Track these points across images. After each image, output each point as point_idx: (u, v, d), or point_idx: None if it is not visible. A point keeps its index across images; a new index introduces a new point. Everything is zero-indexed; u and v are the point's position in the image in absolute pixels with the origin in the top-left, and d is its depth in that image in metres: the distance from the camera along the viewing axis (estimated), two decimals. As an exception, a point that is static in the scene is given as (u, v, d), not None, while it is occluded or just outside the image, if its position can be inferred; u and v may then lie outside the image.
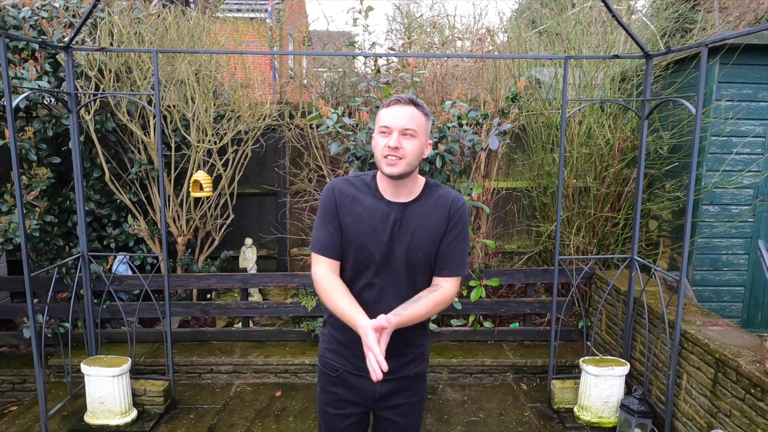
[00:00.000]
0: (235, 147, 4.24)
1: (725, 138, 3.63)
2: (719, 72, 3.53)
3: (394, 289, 1.61)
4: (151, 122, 3.86)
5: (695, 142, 2.65)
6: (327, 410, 1.75)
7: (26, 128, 3.42)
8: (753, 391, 2.30)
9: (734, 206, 3.71)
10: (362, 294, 1.61)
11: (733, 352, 2.50)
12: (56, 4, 3.59)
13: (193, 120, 3.90)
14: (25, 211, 3.36)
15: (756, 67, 3.56)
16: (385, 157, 1.51)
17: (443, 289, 1.61)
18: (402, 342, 1.64)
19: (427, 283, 1.66)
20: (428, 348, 1.79)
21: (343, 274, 1.64)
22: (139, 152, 3.98)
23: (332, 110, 3.42)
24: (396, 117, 1.51)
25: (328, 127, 3.40)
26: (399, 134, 1.51)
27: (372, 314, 1.49)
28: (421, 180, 1.66)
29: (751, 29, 2.43)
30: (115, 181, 3.96)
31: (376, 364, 1.33)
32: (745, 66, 3.54)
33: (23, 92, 2.87)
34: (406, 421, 1.75)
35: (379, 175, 1.64)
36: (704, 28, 5.06)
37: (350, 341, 1.64)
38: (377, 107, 3.49)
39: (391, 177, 1.53)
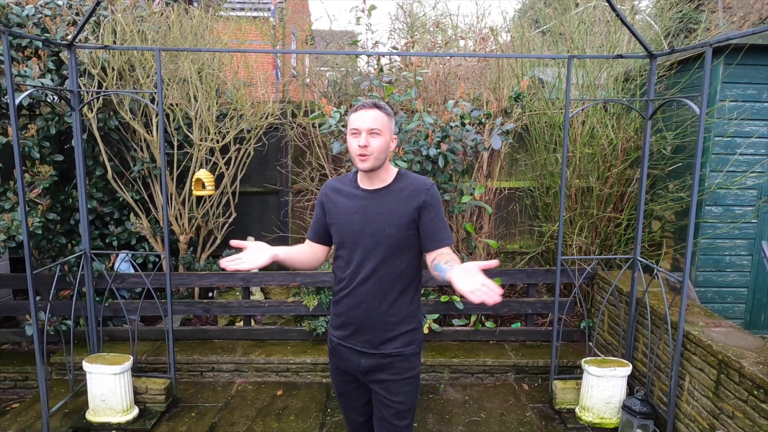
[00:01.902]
0: (238, 145, 4.24)
1: (729, 139, 3.62)
2: (723, 72, 3.52)
3: (373, 264, 1.82)
4: (154, 120, 3.86)
5: (699, 143, 2.64)
6: (333, 377, 2.06)
7: (29, 126, 3.43)
8: (756, 392, 2.29)
9: (738, 207, 3.70)
10: (355, 270, 1.85)
11: (737, 353, 2.49)
12: (59, 2, 3.59)
13: (196, 118, 3.90)
14: (27, 209, 3.36)
15: (760, 67, 3.54)
16: (358, 155, 1.78)
17: (452, 253, 1.84)
18: (381, 320, 1.86)
19: (406, 261, 1.85)
20: (418, 333, 1.93)
21: (339, 256, 1.92)
22: (141, 150, 3.99)
23: (335, 109, 3.42)
24: (363, 120, 1.77)
25: (330, 126, 3.40)
26: (367, 134, 1.76)
27: (363, 287, 1.83)
28: (394, 170, 1.91)
29: (756, 29, 2.42)
30: (117, 179, 3.96)
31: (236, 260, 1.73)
32: (749, 66, 3.53)
33: (26, 90, 2.87)
34: (393, 398, 1.89)
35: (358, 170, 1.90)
36: (708, 29, 5.04)
37: (341, 314, 1.92)
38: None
39: (365, 171, 1.81)
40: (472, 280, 1.51)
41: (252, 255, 1.82)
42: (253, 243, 1.86)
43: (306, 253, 2.00)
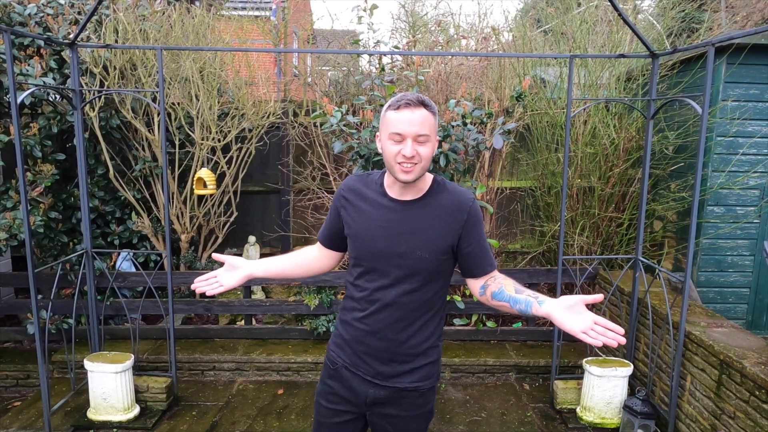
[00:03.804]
0: (239, 145, 4.24)
1: (731, 138, 3.61)
2: (726, 72, 3.51)
3: (397, 291, 1.55)
4: (156, 119, 3.86)
5: (701, 143, 2.64)
6: (320, 402, 1.73)
7: (31, 125, 3.43)
8: (758, 393, 2.28)
9: (740, 207, 3.69)
10: (374, 293, 1.58)
11: (738, 353, 2.48)
12: (62, 1, 3.60)
13: (198, 117, 3.90)
14: (29, 208, 3.37)
15: (763, 67, 3.53)
16: (399, 164, 1.46)
17: (507, 277, 1.59)
18: (398, 351, 1.59)
19: (435, 289, 1.59)
20: (437, 365, 1.68)
21: (354, 272, 1.65)
22: (143, 149, 3.99)
23: (336, 108, 3.41)
24: (409, 123, 1.44)
25: (332, 125, 3.39)
26: (413, 141, 1.45)
27: (382, 314, 1.57)
28: (429, 177, 1.60)
29: (759, 29, 2.41)
30: (119, 178, 3.97)
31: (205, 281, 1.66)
32: (751, 66, 3.52)
33: (28, 89, 2.88)
34: None
35: (387, 173, 1.60)
36: (711, 28, 5.04)
37: (351, 338, 1.64)
38: (381, 105, 3.48)
39: (407, 183, 1.50)
40: (582, 319, 1.33)
41: (226, 275, 1.66)
42: (231, 259, 1.67)
43: (306, 261, 1.77)
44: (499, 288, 1.55)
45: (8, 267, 4.55)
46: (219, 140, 4.05)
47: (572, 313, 1.35)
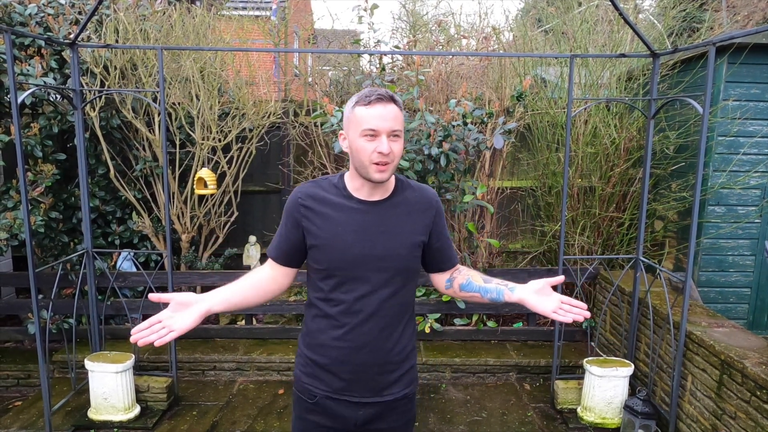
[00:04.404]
0: (240, 144, 4.25)
1: (732, 138, 3.60)
2: (727, 71, 3.50)
3: (381, 296, 1.48)
4: (156, 119, 3.86)
5: (702, 142, 2.63)
6: None
7: (32, 125, 3.43)
8: (759, 393, 2.28)
9: (741, 207, 3.68)
10: (355, 304, 1.48)
11: (739, 353, 2.48)
12: (62, 1, 3.60)
13: (198, 117, 3.90)
14: (30, 208, 3.37)
15: (764, 66, 3.53)
16: (375, 163, 1.40)
17: (470, 268, 1.67)
18: (386, 360, 1.53)
19: (413, 287, 1.57)
20: (416, 367, 1.65)
21: (324, 285, 1.51)
22: (143, 149, 3.99)
23: (336, 108, 3.42)
24: (382, 118, 1.39)
25: (332, 125, 3.39)
26: (387, 137, 1.39)
27: (366, 326, 1.48)
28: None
29: (760, 28, 2.41)
30: (119, 178, 3.97)
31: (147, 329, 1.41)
32: (752, 66, 3.51)
33: (29, 88, 2.88)
34: None
35: (349, 175, 1.53)
36: (712, 27, 5.03)
37: (330, 361, 1.52)
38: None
39: (380, 182, 1.44)
40: (551, 300, 1.46)
41: (177, 316, 1.43)
42: (178, 296, 1.43)
43: (261, 283, 1.57)
44: (466, 279, 1.60)
45: (9, 267, 4.55)
46: (219, 140, 4.05)
47: (542, 296, 1.48)
